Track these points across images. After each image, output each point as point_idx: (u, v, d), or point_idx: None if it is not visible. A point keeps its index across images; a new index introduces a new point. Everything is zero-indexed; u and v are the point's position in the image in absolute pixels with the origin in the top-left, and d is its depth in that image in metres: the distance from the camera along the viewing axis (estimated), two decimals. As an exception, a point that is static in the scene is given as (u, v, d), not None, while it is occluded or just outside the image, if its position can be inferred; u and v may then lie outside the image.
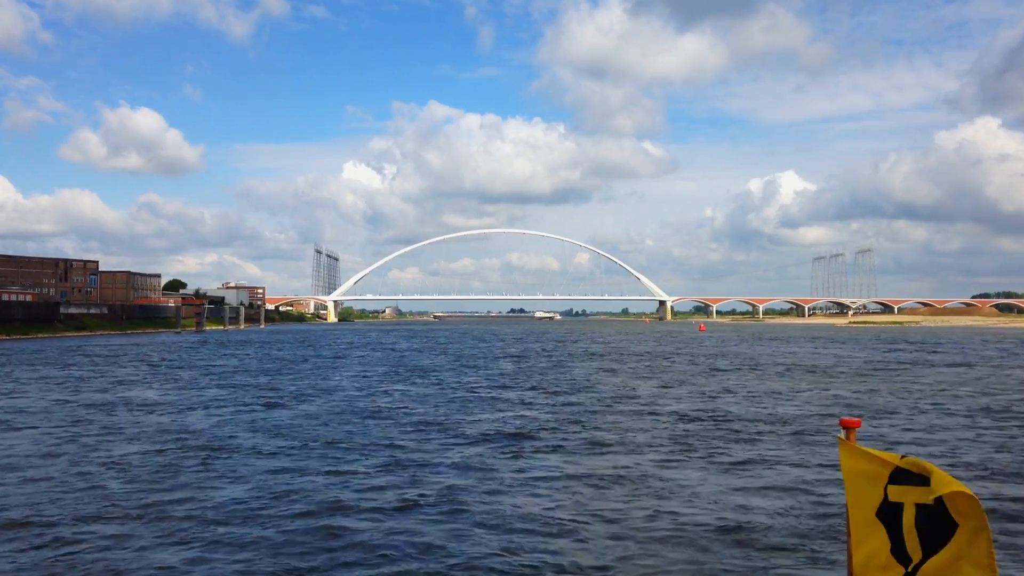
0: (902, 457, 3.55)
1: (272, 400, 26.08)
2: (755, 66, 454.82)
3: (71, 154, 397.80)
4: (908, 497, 3.48)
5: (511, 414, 22.23)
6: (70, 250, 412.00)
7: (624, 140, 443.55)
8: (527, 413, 22.44)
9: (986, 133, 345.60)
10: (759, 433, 18.51)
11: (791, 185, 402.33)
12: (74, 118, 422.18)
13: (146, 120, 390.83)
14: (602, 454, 16.06)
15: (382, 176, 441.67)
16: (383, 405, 24.45)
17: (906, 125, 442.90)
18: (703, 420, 20.77)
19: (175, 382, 33.49)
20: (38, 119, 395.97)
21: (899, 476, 3.53)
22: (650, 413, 22.23)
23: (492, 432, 18.89)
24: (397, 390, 29.41)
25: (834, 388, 29.42)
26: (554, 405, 24.25)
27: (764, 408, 23.18)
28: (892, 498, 3.51)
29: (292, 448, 16.78)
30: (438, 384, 31.88)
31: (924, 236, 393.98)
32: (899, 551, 3.52)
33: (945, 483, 3.28)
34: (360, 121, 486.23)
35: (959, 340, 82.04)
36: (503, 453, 16.13)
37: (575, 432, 18.78)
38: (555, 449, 16.60)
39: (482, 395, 27.43)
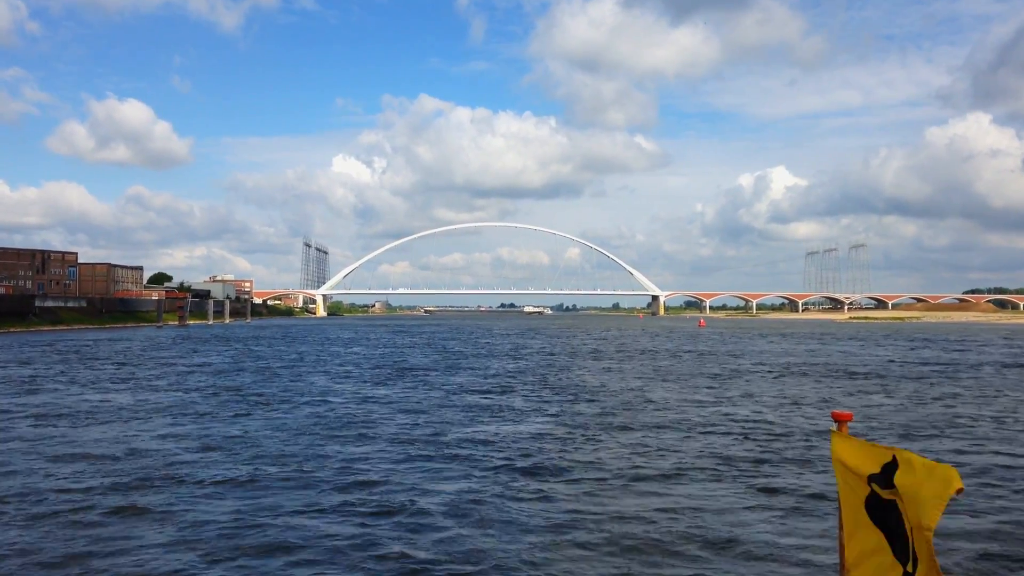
0: (891, 453, 3.36)
1: (238, 407, 22.74)
2: (748, 60, 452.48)
3: (58, 146, 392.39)
4: (895, 495, 3.30)
5: (513, 427, 18.96)
6: (57, 243, 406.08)
7: (616, 134, 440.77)
8: (532, 426, 19.17)
9: (977, 129, 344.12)
10: (811, 452, 15.27)
11: (782, 180, 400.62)
12: (61, 110, 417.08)
13: (134, 112, 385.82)
14: (633, 481, 12.82)
15: (372, 170, 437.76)
16: (365, 414, 21.15)
17: (896, 121, 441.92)
18: (737, 434, 17.54)
19: (136, 384, 30.07)
20: (24, 111, 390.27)
21: (883, 476, 3.35)
22: (673, 424, 19.01)
23: (492, 452, 15.62)
24: (382, 395, 26.10)
25: (882, 396, 26.23)
26: (562, 415, 20.99)
27: (806, 420, 19.95)
28: (884, 496, 3.36)
29: (245, 477, 13.43)
30: (428, 386, 28.58)
31: (914, 232, 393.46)
32: (897, 549, 3.35)
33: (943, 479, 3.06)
34: (350, 114, 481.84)
35: (976, 337, 79.14)
36: (509, 484, 12.83)
37: (593, 451, 15.53)
38: (572, 477, 13.33)
39: (478, 401, 24.16)
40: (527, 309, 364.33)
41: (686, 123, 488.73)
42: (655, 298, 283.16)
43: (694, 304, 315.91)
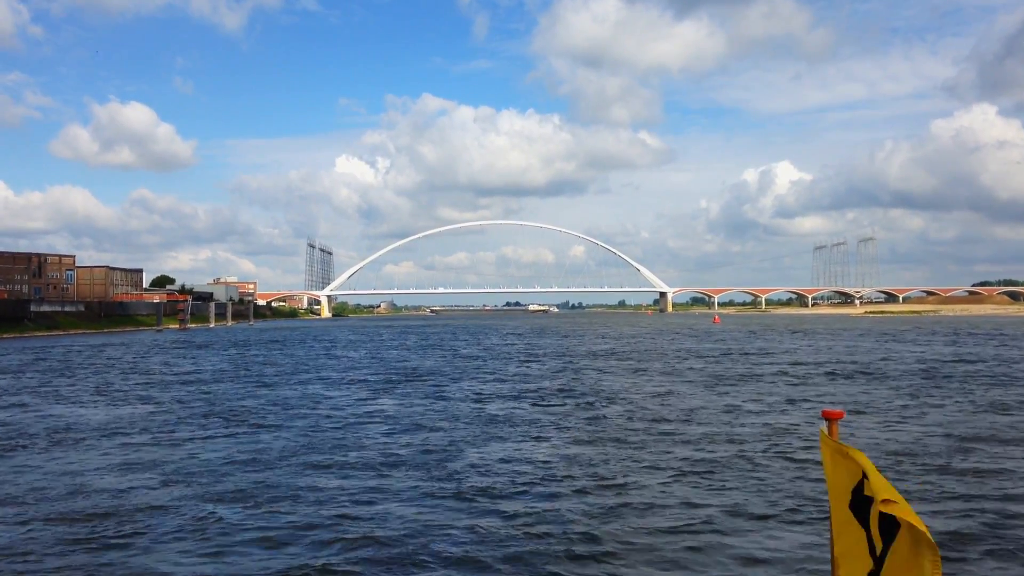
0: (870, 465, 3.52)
1: (218, 425, 19.83)
2: (754, 54, 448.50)
3: (61, 150, 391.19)
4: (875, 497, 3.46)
5: (535, 448, 16.01)
6: (63, 247, 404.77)
7: (620, 131, 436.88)
8: (557, 446, 16.20)
9: (983, 120, 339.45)
10: (903, 480, 12.27)
11: (786, 175, 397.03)
12: (63, 113, 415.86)
13: (137, 115, 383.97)
14: (690, 530, 9.87)
15: (375, 170, 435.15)
16: (362, 433, 18.21)
17: (901, 114, 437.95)
18: (805, 460, 14.54)
19: (114, 397, 27.21)
20: (27, 115, 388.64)
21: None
22: (722, 444, 16.04)
23: (512, 487, 12.66)
24: (384, 407, 23.16)
25: (964, 408, 23.19)
26: (589, 432, 18.02)
27: (883, 432, 16.93)
28: (866, 492, 3.49)
29: (201, 528, 10.52)
30: (435, 395, 25.64)
31: (920, 225, 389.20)
32: (871, 547, 3.48)
33: (893, 507, 3.28)
34: (353, 115, 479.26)
35: (1006, 331, 75.89)
36: (537, 544, 9.88)
37: (635, 482, 12.56)
38: (613, 525, 10.39)
39: (491, 412, 21.21)
40: (532, 308, 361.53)
41: (690, 119, 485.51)
42: (663, 295, 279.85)
43: (700, 300, 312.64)
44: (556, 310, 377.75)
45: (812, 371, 32.51)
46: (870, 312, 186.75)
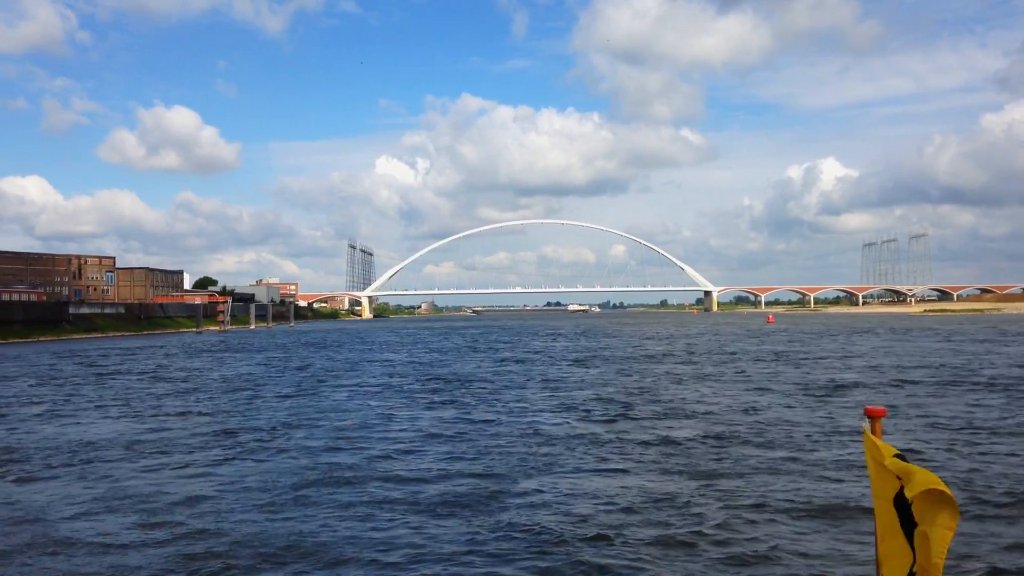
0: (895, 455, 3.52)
1: (226, 444, 17.01)
2: (799, 48, 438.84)
3: (109, 155, 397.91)
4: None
5: (607, 481, 12.82)
6: (111, 250, 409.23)
7: (662, 128, 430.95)
8: (636, 478, 13.00)
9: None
10: None
11: (832, 171, 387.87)
12: (110, 119, 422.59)
13: (181, 118, 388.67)
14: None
15: (415, 171, 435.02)
16: (393, 455, 15.21)
17: (949, 108, 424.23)
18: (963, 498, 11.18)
19: (127, 408, 24.71)
20: (74, 120, 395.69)
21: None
22: (845, 473, 12.74)
23: (586, 530, 9.53)
24: (424, 423, 20.13)
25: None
26: (673, 458, 14.79)
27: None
28: (907, 494, 3.43)
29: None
30: (482, 409, 22.55)
31: (971, 221, 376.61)
32: (911, 543, 3.44)
33: (920, 483, 3.29)
34: (393, 116, 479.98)
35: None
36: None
37: (739, 530, 9.35)
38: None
39: (547, 429, 18.06)
40: (571, 307, 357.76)
41: (732, 115, 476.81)
42: (707, 294, 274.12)
43: (745, 299, 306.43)
44: (597, 310, 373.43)
45: (907, 378, 28.78)
46: (929, 311, 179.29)
